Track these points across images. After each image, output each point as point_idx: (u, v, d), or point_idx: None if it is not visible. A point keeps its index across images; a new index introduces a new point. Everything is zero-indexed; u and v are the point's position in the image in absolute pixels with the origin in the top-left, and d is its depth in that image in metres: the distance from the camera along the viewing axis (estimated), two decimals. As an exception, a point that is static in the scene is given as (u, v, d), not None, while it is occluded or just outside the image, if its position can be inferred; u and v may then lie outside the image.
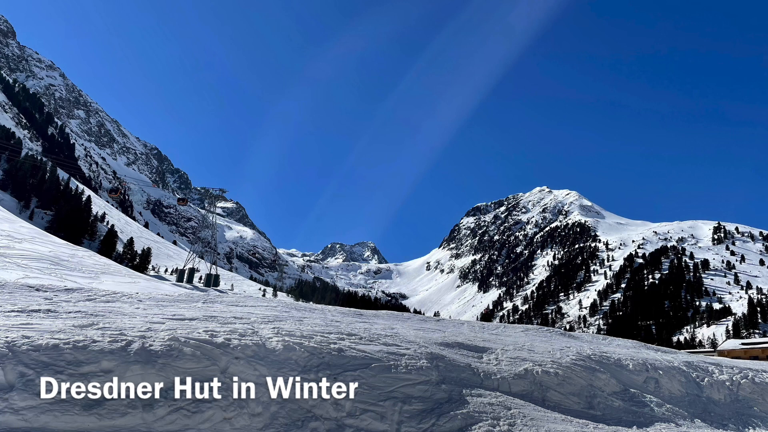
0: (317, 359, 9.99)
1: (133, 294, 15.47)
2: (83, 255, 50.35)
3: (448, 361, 12.09)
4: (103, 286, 31.93)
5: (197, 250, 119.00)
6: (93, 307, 11.74)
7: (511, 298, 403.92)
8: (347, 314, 18.61)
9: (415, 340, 13.39)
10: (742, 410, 16.13)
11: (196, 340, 9.11)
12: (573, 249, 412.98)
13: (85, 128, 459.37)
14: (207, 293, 20.65)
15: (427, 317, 23.90)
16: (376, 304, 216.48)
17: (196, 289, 75.49)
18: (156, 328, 9.55)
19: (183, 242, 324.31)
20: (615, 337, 28.26)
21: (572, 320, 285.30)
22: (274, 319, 13.19)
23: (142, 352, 8.27)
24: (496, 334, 19.29)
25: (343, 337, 11.67)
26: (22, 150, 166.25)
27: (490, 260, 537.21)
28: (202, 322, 11.01)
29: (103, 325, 9.39)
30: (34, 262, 37.20)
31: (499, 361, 13.47)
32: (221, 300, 17.06)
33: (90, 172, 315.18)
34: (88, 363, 7.75)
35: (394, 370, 10.57)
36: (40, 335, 8.06)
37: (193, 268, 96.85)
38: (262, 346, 9.71)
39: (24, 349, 7.53)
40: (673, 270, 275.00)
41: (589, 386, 13.54)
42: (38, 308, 10.59)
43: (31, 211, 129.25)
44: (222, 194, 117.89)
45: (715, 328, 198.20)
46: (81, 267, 42.09)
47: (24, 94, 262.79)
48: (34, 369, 7.33)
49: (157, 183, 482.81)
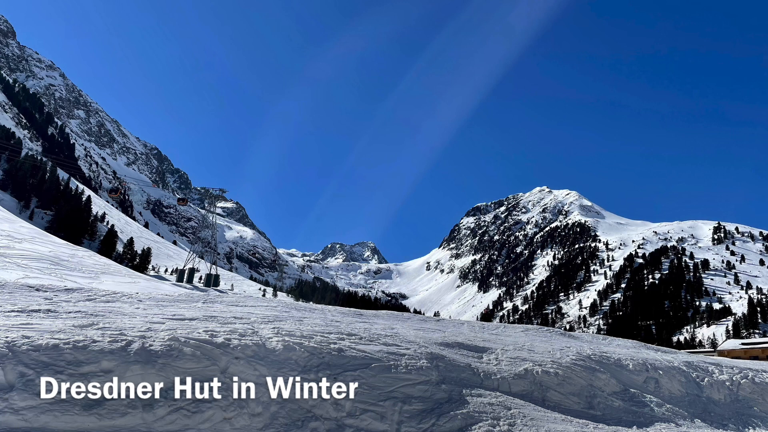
0: (317, 359, 9.99)
1: (133, 294, 15.47)
2: (83, 255, 50.34)
3: (448, 361, 12.08)
4: (103, 286, 31.94)
5: (197, 250, 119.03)
6: (93, 307, 11.74)
7: (511, 298, 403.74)
8: (347, 314, 18.60)
9: (415, 340, 13.38)
10: (742, 410, 16.12)
11: (196, 340, 9.10)
12: (573, 249, 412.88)
13: (85, 128, 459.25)
14: (207, 293, 20.65)
15: (427, 317, 23.88)
16: (376, 304, 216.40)
17: (196, 289, 75.47)
18: (156, 328, 9.55)
19: (183, 242, 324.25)
20: (615, 337, 28.26)
21: (572, 320, 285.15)
22: (274, 319, 13.18)
23: (142, 352, 8.27)
24: (496, 334, 19.28)
25: (343, 337, 11.66)
26: (22, 150, 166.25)
27: (490, 260, 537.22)
28: (202, 322, 11.01)
29: (103, 325, 9.39)
30: (34, 262, 37.20)
31: (499, 361, 13.47)
32: (221, 300, 17.06)
33: (90, 172, 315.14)
34: (88, 363, 7.75)
35: (394, 370, 10.56)
36: (40, 335, 8.06)
37: (193, 268, 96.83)
38: (262, 346, 9.70)
39: (24, 349, 7.52)
40: (673, 270, 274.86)
41: (589, 386, 13.53)
42: (38, 308, 10.58)
43: (31, 211, 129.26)
44: (222, 194, 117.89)
45: (715, 328, 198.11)
46: (81, 267, 42.09)
47: (24, 94, 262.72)
48: (34, 369, 7.32)
49: (157, 183, 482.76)
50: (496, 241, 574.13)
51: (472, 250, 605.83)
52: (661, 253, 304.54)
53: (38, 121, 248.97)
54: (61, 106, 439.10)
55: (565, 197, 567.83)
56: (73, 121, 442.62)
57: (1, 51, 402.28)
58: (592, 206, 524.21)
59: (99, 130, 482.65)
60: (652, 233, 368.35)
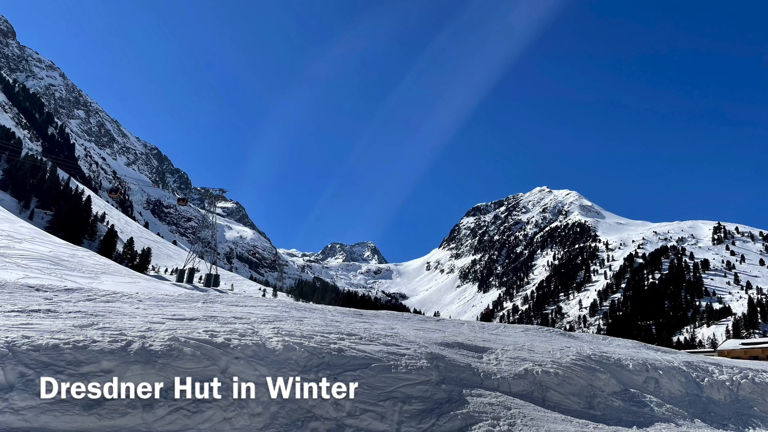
0: (317, 359, 9.99)
1: (133, 294, 15.47)
2: (83, 255, 50.34)
3: (448, 361, 12.08)
4: (103, 286, 31.94)
5: (197, 250, 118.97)
6: (93, 307, 11.73)
7: (511, 298, 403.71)
8: (347, 314, 18.61)
9: (415, 340, 13.38)
10: (742, 410, 16.12)
11: (196, 340, 9.10)
12: (573, 249, 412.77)
13: (85, 128, 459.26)
14: (207, 293, 20.65)
15: (427, 317, 23.88)
16: (376, 304, 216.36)
17: (196, 289, 75.45)
18: (156, 328, 9.55)
19: (183, 242, 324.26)
20: (615, 337, 28.24)
21: (572, 320, 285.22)
22: (274, 319, 13.18)
23: (142, 352, 8.26)
24: (496, 334, 19.29)
25: (343, 337, 11.66)
26: (22, 150, 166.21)
27: (490, 260, 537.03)
28: (202, 322, 11.00)
29: (103, 325, 9.38)
30: (34, 262, 37.20)
31: (499, 361, 13.47)
32: (221, 300, 17.05)
33: (90, 172, 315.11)
34: (88, 363, 7.75)
35: (394, 370, 10.56)
36: (40, 335, 8.05)
37: (193, 268, 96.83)
38: (262, 346, 9.70)
39: (24, 349, 7.51)
40: (673, 270, 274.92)
41: (589, 386, 13.53)
42: (38, 308, 10.58)
43: (31, 211, 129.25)
44: (222, 194, 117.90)
45: (715, 328, 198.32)
46: (81, 267, 42.09)
47: (24, 94, 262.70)
48: (34, 369, 7.31)
49: (157, 183, 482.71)
50: (496, 241, 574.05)
51: (472, 250, 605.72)
52: (661, 253, 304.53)
53: (38, 121, 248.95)
54: (61, 106, 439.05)
55: (565, 197, 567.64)
56: (73, 121, 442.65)
57: (1, 51, 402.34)
58: (592, 206, 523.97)
59: (99, 130, 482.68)
60: (652, 233, 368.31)
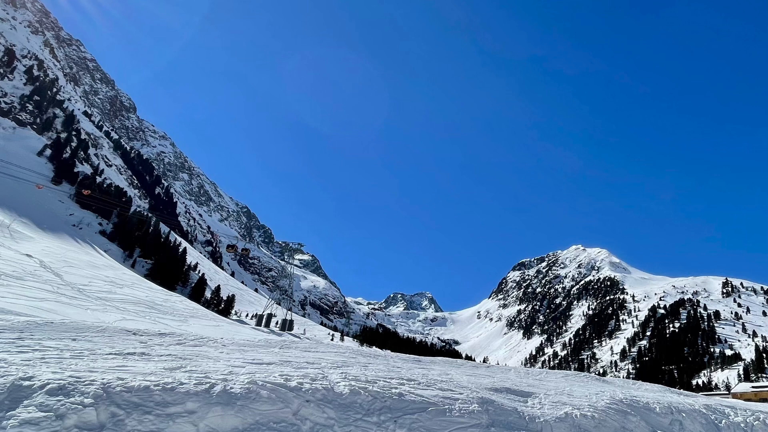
0: (380, 403, 9.88)
1: (218, 339, 15.52)
2: (175, 300, 51.57)
3: (497, 405, 11.93)
4: (191, 328, 32.41)
5: (275, 297, 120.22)
6: (182, 351, 11.77)
7: (551, 344, 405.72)
8: (407, 360, 18.87)
9: (468, 385, 13.37)
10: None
11: (272, 383, 9.03)
12: (604, 300, 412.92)
13: (187, 189, 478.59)
14: (282, 338, 20.61)
15: (478, 363, 24.08)
16: (432, 350, 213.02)
17: (273, 332, 76.04)
18: (237, 372, 9.52)
19: (263, 290, 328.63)
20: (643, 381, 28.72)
21: (605, 365, 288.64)
22: (342, 364, 13.12)
23: (224, 394, 8.16)
24: (539, 379, 19.49)
25: (403, 382, 11.66)
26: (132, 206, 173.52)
27: (533, 310, 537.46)
28: (278, 366, 10.94)
29: (191, 368, 9.36)
30: (132, 306, 38.22)
31: (542, 404, 13.40)
32: (296, 346, 17.00)
33: (188, 227, 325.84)
34: (175, 404, 7.65)
35: (449, 414, 10.43)
36: (134, 377, 8.03)
37: (271, 313, 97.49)
38: (330, 390, 9.62)
39: (117, 390, 7.47)
40: (690, 320, 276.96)
41: (621, 428, 13.36)
42: (134, 351, 10.67)
43: (134, 260, 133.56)
44: (300, 248, 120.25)
45: (729, 372, 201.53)
46: (173, 311, 43.01)
47: (138, 159, 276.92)
48: (125, 409, 7.23)
49: (244, 237, 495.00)
50: (538, 293, 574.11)
51: (517, 300, 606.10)
52: (679, 305, 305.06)
53: (148, 182, 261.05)
54: (169, 170, 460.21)
55: (597, 254, 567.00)
56: (178, 183, 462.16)
57: (123, 123, 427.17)
58: (620, 263, 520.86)
59: (199, 190, 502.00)
60: (671, 287, 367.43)
